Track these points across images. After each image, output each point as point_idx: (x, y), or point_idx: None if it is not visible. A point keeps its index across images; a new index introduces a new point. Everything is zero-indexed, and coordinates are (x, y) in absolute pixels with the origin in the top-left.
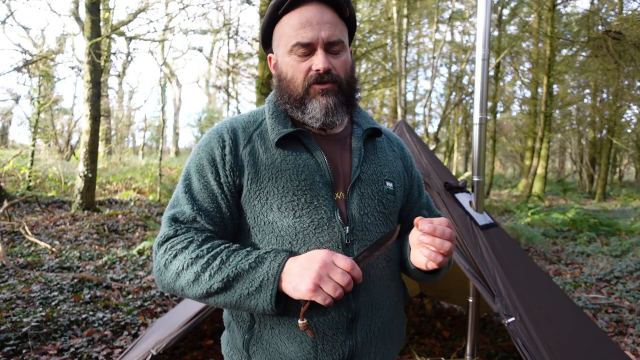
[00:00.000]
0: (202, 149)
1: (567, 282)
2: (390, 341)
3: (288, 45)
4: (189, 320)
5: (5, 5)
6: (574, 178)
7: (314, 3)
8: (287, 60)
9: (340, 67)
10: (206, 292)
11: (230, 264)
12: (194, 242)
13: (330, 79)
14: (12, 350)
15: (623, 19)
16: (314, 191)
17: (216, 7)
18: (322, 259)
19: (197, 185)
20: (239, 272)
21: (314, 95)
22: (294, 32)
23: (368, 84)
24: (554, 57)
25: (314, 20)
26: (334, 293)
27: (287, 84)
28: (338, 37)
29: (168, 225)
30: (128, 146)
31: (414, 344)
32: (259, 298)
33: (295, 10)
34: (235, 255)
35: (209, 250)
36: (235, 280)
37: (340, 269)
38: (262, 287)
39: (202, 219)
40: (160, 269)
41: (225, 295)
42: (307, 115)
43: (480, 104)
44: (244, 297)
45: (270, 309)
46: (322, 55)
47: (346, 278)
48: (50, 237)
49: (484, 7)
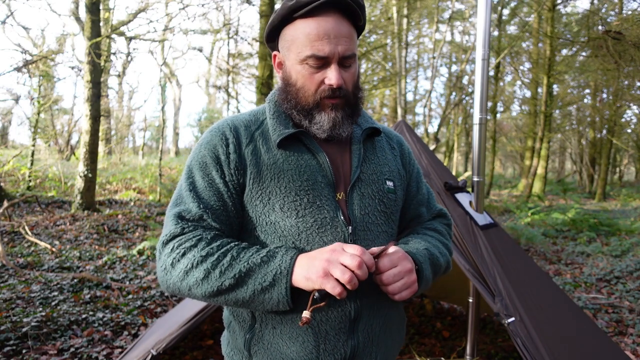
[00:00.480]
0: (205, 147)
1: (567, 282)
2: (391, 341)
3: (302, 54)
4: (189, 320)
5: (5, 5)
6: (574, 178)
7: (332, 14)
8: (298, 68)
9: (350, 80)
10: (217, 289)
11: (241, 260)
12: (203, 239)
13: (340, 94)
14: (12, 350)
15: (623, 19)
16: (316, 191)
17: (216, 7)
18: (332, 247)
19: (201, 183)
20: (250, 267)
21: (324, 108)
22: (310, 42)
23: (368, 84)
24: (554, 57)
25: (332, 33)
26: (342, 276)
27: (297, 91)
28: (352, 51)
29: (174, 223)
30: (128, 146)
31: (414, 344)
32: (274, 292)
33: (313, 18)
34: (245, 252)
35: (219, 247)
36: (248, 275)
37: (349, 253)
38: (276, 281)
39: (209, 217)
40: (166, 269)
41: (237, 291)
42: (315, 126)
43: (480, 104)
44: (257, 292)
45: (285, 301)
46: (337, 72)
47: (355, 261)
48: (50, 237)
49: (484, 7)
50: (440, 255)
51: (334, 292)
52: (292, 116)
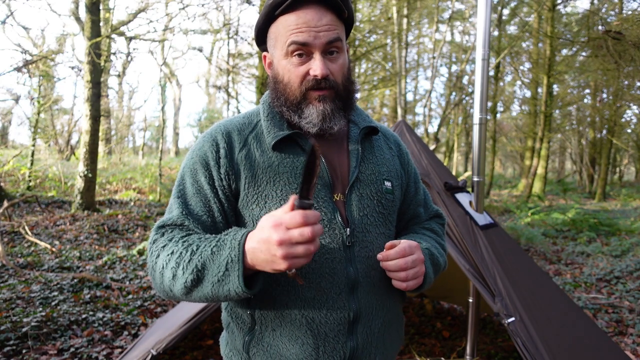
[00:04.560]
0: (196, 153)
1: (567, 282)
2: (390, 342)
3: (284, 47)
4: (189, 320)
5: (5, 5)
6: (574, 178)
7: (313, 5)
8: (283, 63)
9: (338, 71)
10: (184, 287)
11: (196, 253)
12: (173, 239)
13: (327, 85)
14: (12, 350)
15: (623, 19)
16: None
17: (216, 7)
18: (277, 235)
19: (190, 190)
20: (204, 260)
21: (311, 101)
22: (289, 32)
23: (368, 84)
24: (554, 57)
25: (312, 22)
26: (307, 255)
27: (284, 87)
28: (337, 36)
29: (155, 232)
30: (128, 146)
31: (414, 344)
32: (229, 283)
33: (294, 12)
34: (204, 244)
35: (183, 243)
36: (204, 269)
37: (296, 230)
38: (229, 271)
39: (190, 223)
40: (150, 273)
41: (200, 288)
42: (304, 120)
43: (480, 104)
44: (215, 285)
45: (241, 291)
46: (320, 61)
47: (307, 231)
48: (50, 237)
49: (484, 7)
50: (439, 255)
51: (306, 262)
52: (283, 113)
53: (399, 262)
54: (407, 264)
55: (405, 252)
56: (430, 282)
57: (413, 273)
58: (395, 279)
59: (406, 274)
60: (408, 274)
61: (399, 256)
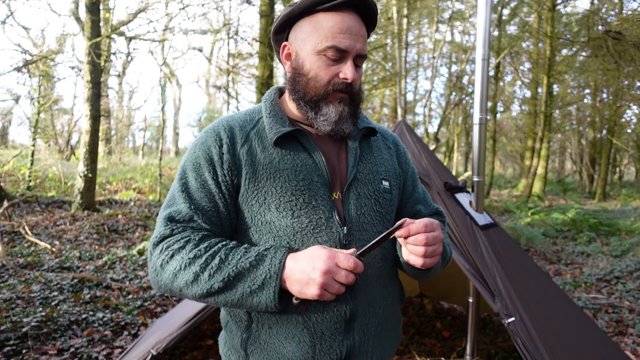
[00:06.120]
0: (199, 147)
1: (567, 282)
2: (386, 340)
3: (321, 45)
4: (189, 320)
5: (5, 5)
6: (574, 178)
7: (355, 14)
8: (314, 58)
9: (357, 80)
10: (206, 292)
11: (230, 263)
12: (191, 241)
13: (349, 90)
14: (12, 350)
15: (623, 19)
16: (312, 191)
17: (216, 7)
18: (326, 265)
19: (194, 184)
20: (240, 270)
21: (331, 101)
22: (332, 34)
23: (368, 84)
24: (554, 57)
25: (353, 30)
26: (336, 293)
27: (308, 81)
28: (366, 51)
29: (164, 225)
30: (128, 146)
31: (414, 344)
32: (262, 295)
33: (336, 13)
34: (234, 254)
35: (207, 249)
36: (237, 279)
37: (344, 271)
38: (265, 285)
39: (199, 218)
40: (156, 270)
41: (226, 294)
42: (321, 117)
43: (480, 104)
44: (246, 295)
45: (273, 305)
46: (352, 67)
47: (350, 277)
48: (50, 237)
49: (484, 7)
50: (447, 245)
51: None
52: (299, 107)
53: (420, 237)
54: (427, 240)
55: (427, 228)
56: (439, 268)
57: (432, 250)
58: (413, 254)
59: (425, 250)
60: (427, 250)
61: (420, 231)
